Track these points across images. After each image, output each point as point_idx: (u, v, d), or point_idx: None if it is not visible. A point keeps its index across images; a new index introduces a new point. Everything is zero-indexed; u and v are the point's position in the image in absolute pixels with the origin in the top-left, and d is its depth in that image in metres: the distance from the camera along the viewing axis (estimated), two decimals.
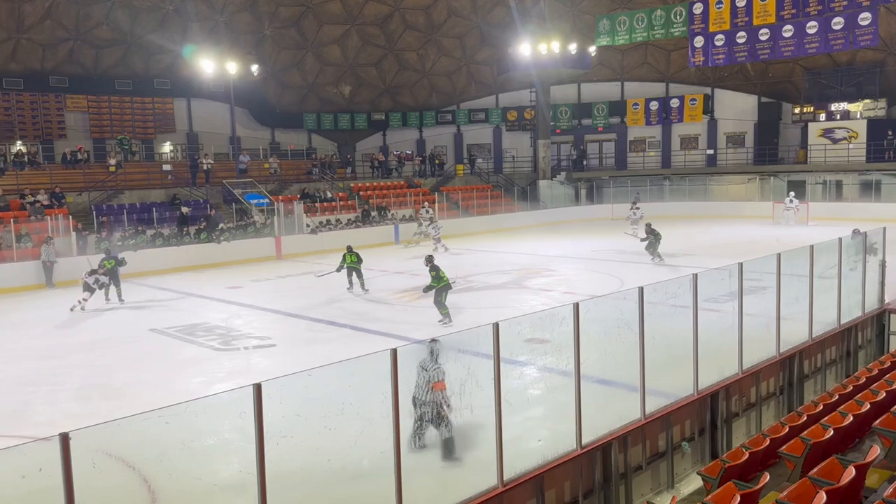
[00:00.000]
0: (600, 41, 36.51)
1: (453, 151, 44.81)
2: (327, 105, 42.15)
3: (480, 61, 42.12)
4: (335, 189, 34.54)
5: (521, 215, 36.45)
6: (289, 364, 11.90)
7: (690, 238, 28.38)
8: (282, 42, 38.29)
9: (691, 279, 8.79)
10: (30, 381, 11.82)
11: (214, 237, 25.89)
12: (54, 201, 25.75)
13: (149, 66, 35.17)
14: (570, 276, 20.78)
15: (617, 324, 8.32)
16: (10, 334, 15.56)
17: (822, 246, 11.86)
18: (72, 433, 4.27)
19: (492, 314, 15.42)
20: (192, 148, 36.49)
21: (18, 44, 31.14)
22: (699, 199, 38.92)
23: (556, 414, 8.36)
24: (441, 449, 7.50)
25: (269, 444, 5.10)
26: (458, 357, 7.29)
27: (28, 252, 22.30)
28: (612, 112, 42.57)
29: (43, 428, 9.13)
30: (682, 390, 8.73)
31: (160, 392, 10.76)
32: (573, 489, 7.22)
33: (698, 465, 8.58)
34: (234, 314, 16.86)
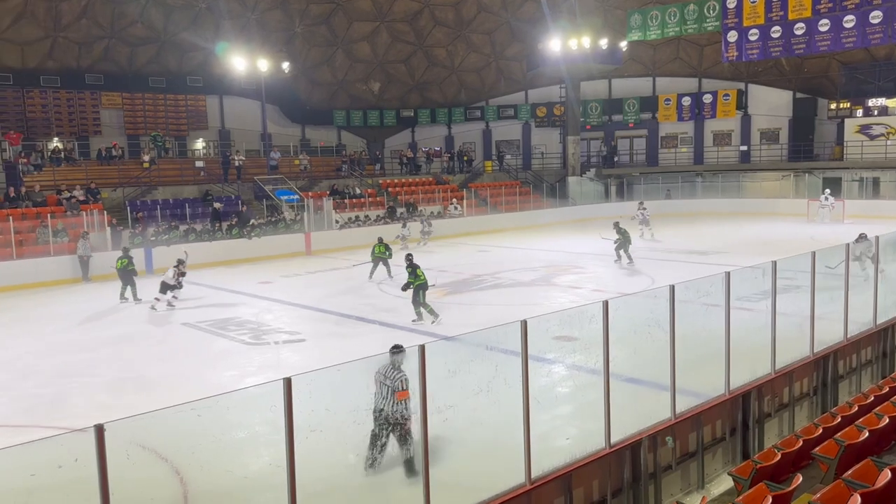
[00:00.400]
0: (631, 36, 36.14)
1: (482, 148, 44.74)
2: (357, 102, 42.35)
3: (510, 57, 41.97)
4: (364, 185, 34.69)
5: (550, 212, 36.27)
6: (318, 359, 12.00)
7: (723, 236, 28.02)
8: (312, 39, 38.53)
9: (724, 277, 8.67)
10: (65, 373, 12.07)
11: (245, 233, 26.18)
12: (90, 197, 26.22)
13: (182, 64, 35.64)
14: (599, 274, 20.63)
15: (647, 322, 8.24)
16: (47, 327, 15.90)
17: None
18: (106, 425, 4.35)
19: (520, 311, 15.37)
20: (224, 145, 36.92)
21: (55, 42, 31.75)
22: (732, 196, 38.37)
23: (585, 412, 8.32)
24: (403, 467, 6.91)
25: (298, 438, 5.14)
26: (486, 354, 7.28)
27: (64, 247, 22.74)
28: (644, 108, 42.13)
29: (78, 420, 9.32)
30: (713, 390, 8.61)
31: (192, 385, 10.91)
32: (601, 488, 7.17)
33: (729, 466, 8.46)
34: (265, 309, 17.04)
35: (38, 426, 9.34)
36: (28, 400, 10.68)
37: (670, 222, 34.22)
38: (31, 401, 10.64)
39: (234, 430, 6.45)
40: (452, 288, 18.97)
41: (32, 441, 5.46)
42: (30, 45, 31.28)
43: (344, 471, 6.91)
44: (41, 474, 5.66)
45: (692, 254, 23.27)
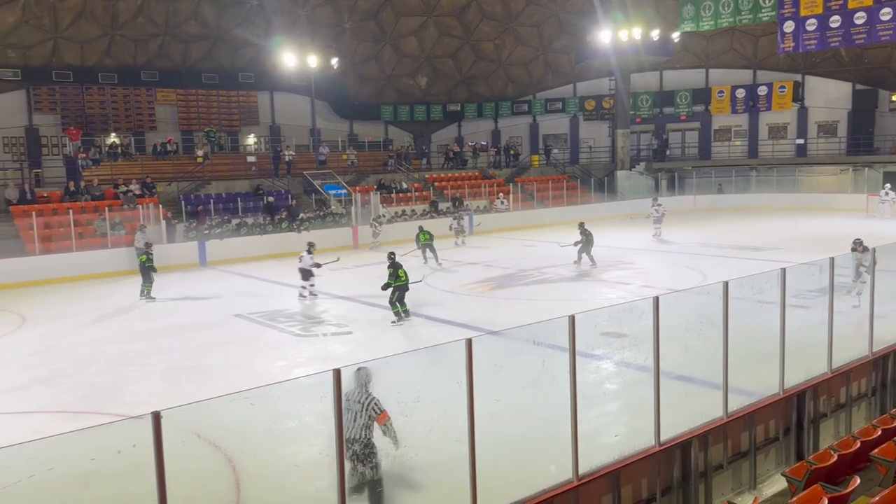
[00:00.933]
0: (684, 27, 35.45)
1: (528, 142, 44.47)
2: (404, 97, 42.54)
3: (558, 50, 41.59)
4: (410, 180, 34.85)
5: (598, 206, 35.83)
6: (365, 351, 12.13)
7: (778, 231, 27.33)
8: (360, 35, 38.82)
9: (779, 274, 8.46)
10: (122, 361, 12.45)
11: (295, 226, 26.58)
12: (145, 191, 26.94)
13: (234, 60, 36.30)
14: (648, 269, 20.33)
15: (699, 319, 8.10)
16: (105, 317, 16.41)
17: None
18: (163, 412, 4.47)
19: (566, 307, 15.27)
20: (274, 140, 37.51)
21: (113, 40, 32.66)
22: (788, 190, 37.33)
23: (633, 410, 8.22)
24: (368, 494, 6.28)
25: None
26: (533, 349, 7.25)
27: (121, 239, 23.43)
28: (696, 100, 41.29)
29: (135, 407, 9.61)
30: (766, 389, 8.42)
31: (244, 375, 11.14)
32: (650, 486, 7.08)
33: (782, 467, 8.27)
34: (313, 301, 17.27)
35: (96, 413, 9.66)
36: (87, 387, 11.04)
37: (723, 217, 33.54)
38: (89, 388, 11.00)
39: (284, 420, 6.57)
40: (498, 283, 18.95)
41: (92, 427, 5.65)
42: (89, 44, 32.24)
43: (392, 461, 6.97)
44: (101, 459, 5.84)
45: (745, 250, 22.76)
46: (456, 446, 6.09)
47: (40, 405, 10.25)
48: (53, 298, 18.75)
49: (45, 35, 30.87)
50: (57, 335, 14.63)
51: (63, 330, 15.14)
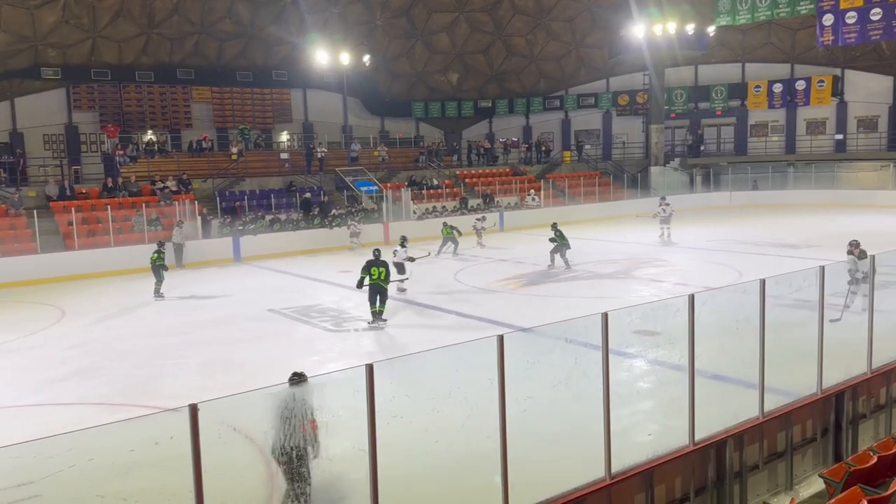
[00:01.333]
0: (720, 21, 34.89)
1: (560, 138, 44.21)
2: (435, 93, 42.57)
3: (591, 45, 41.25)
4: (441, 176, 34.87)
5: (631, 203, 35.47)
6: (397, 347, 12.19)
7: (816, 228, 26.81)
8: (392, 31, 38.94)
9: (818, 272, 8.30)
10: (159, 355, 12.68)
11: (327, 223, 26.78)
12: (181, 187, 27.37)
13: (268, 58, 36.67)
14: (682, 267, 20.09)
15: (735, 317, 7.98)
16: (142, 311, 16.72)
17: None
18: (200, 405, 4.55)
19: (599, 304, 15.17)
20: (307, 137, 37.83)
21: (150, 39, 33.21)
22: (826, 186, 36.56)
23: (667, 408, 8.15)
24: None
25: (379, 423, 5.24)
26: (565, 347, 7.21)
27: (158, 235, 23.80)
28: (732, 95, 40.64)
29: (172, 399, 9.78)
30: (804, 389, 8.28)
31: (277, 369, 11.24)
32: (684, 485, 7.01)
33: (820, 468, 8.13)
34: (345, 297, 17.39)
35: (134, 405, 9.85)
36: (125, 380, 11.27)
37: (759, 214, 33.00)
38: (127, 380, 11.23)
39: (317, 414, 6.62)
40: (529, 279, 18.89)
41: (131, 419, 5.78)
42: (126, 42, 32.83)
43: (424, 456, 7.00)
44: (139, 450, 5.97)
45: (782, 247, 22.38)
46: (487, 442, 6.09)
47: (80, 397, 10.49)
48: (92, 292, 19.15)
49: (84, 34, 31.51)
50: (96, 329, 14.95)
51: (102, 323, 15.47)
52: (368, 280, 14.14)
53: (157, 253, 18.14)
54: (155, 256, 18.07)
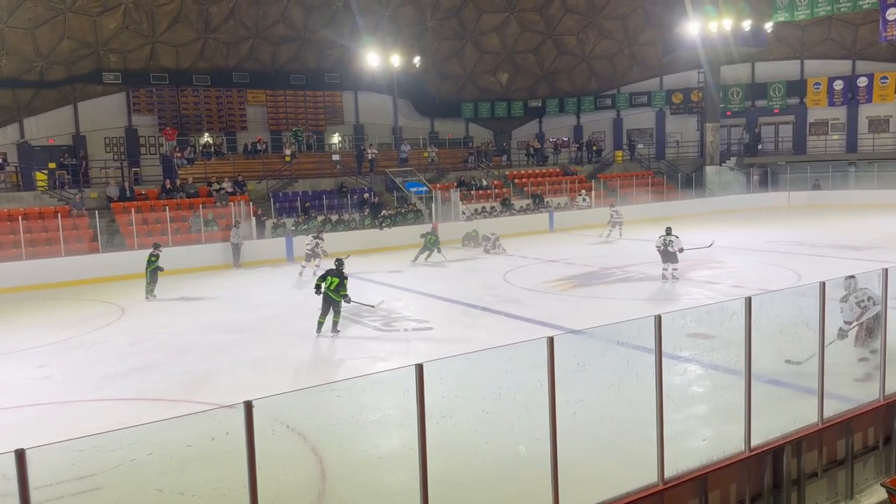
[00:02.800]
0: (778, 17, 34.01)
1: (612, 137, 43.66)
2: (484, 93, 42.53)
3: (644, 42, 40.63)
4: (490, 177, 34.81)
5: (685, 203, 34.84)
6: (446, 347, 12.21)
7: (879, 229, 25.86)
8: (442, 33, 39.05)
9: (881, 274, 8.02)
10: (214, 352, 12.97)
11: (377, 223, 27.03)
12: (237, 189, 27.95)
13: (320, 61, 37.19)
14: (738, 269, 19.62)
15: (793, 321, 7.76)
16: (198, 309, 17.14)
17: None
18: (254, 401, 4.64)
19: (652, 307, 14.93)
20: (358, 138, 38.22)
21: (206, 43, 34.02)
22: (889, 186, 35.20)
23: (722, 413, 7.97)
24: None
25: (429, 423, 5.26)
26: (616, 349, 7.13)
27: (214, 235, 24.41)
28: (790, 92, 39.52)
29: (226, 396, 10.00)
30: (866, 395, 8.01)
31: (328, 368, 11.43)
32: (740, 492, 6.85)
33: (882, 477, 7.85)
34: (395, 297, 17.51)
35: (191, 401, 10.10)
36: (182, 376, 11.56)
37: (819, 214, 32.04)
38: (184, 377, 11.51)
39: (368, 412, 6.70)
40: (579, 281, 18.71)
41: (188, 415, 5.92)
42: (183, 47, 33.70)
43: (473, 457, 7.00)
44: (196, 445, 6.12)
45: (843, 248, 21.68)
46: (537, 444, 6.06)
47: (139, 392, 10.80)
48: None
49: (143, 40, 32.47)
50: (154, 326, 15.37)
51: (159, 321, 15.89)
52: (324, 288, 13.73)
53: (155, 256, 18.34)
54: (153, 259, 18.29)
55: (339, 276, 13.78)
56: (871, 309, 8.80)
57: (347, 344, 13.33)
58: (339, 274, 13.83)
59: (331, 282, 13.69)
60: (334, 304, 13.74)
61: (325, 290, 13.71)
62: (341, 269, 13.94)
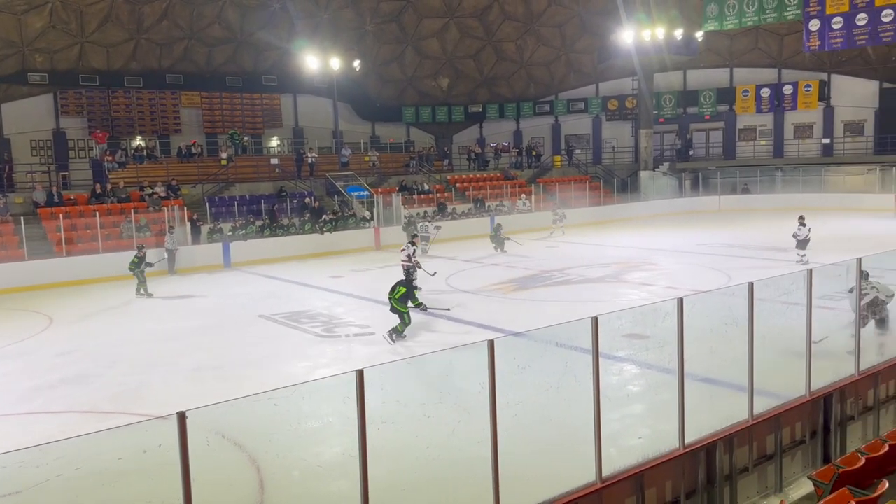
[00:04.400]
0: (708, 26, 35.12)
1: (551, 142, 44.35)
2: (426, 98, 42.63)
3: (580, 50, 41.42)
4: (432, 181, 34.89)
5: (621, 207, 35.65)
6: (387, 352, 12.16)
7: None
8: (382, 37, 38.96)
9: (805, 275, 8.35)
10: (148, 362, 12.60)
11: (318, 228, 26.74)
12: (171, 193, 27.25)
13: (257, 64, 36.62)
14: (672, 271, 20.17)
15: (724, 321, 8.02)
16: (131, 318, 16.62)
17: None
18: (188, 412, 4.52)
19: (589, 308, 15.18)
20: (297, 142, 37.76)
21: (138, 44, 33.10)
22: (814, 190, 36.81)
23: (657, 412, 8.16)
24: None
25: (370, 429, 5.23)
26: (555, 351, 7.22)
27: (147, 241, 23.68)
28: (720, 99, 40.90)
29: (160, 407, 9.72)
30: (792, 391, 8.32)
31: (267, 376, 11.23)
32: (675, 489, 7.02)
33: (809, 470, 8.16)
34: (336, 302, 17.36)
35: (123, 413, 9.79)
36: (114, 387, 11.19)
37: (748, 218, 33.17)
38: (116, 388, 11.15)
39: (308, 420, 6.61)
40: (520, 284, 18.91)
41: (119, 427, 5.73)
42: (115, 48, 32.70)
43: (415, 462, 6.99)
44: (127, 459, 5.93)
45: (771, 250, 22.52)
46: (478, 447, 6.08)
47: (68, 405, 10.41)
48: (80, 299, 19.03)
49: (71, 40, 31.37)
50: (84, 336, 14.84)
51: (90, 331, 15.36)
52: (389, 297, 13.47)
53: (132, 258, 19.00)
54: (136, 260, 18.85)
55: (406, 286, 13.46)
56: (870, 293, 10.52)
57: (287, 351, 13.14)
58: (406, 283, 13.56)
59: (397, 291, 13.27)
60: (398, 314, 13.25)
61: (389, 298, 13.29)
62: (409, 279, 13.70)
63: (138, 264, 19.03)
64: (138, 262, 19.03)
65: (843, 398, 8.75)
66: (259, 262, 24.05)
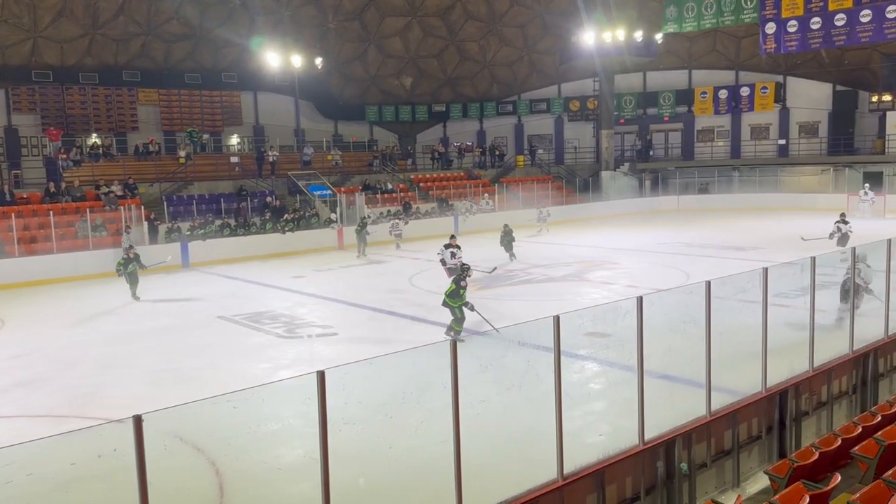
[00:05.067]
0: (667, 28, 35.66)
1: (514, 142, 44.58)
2: (389, 97, 42.49)
3: (542, 51, 41.70)
4: (396, 181, 34.80)
5: (583, 207, 36.00)
6: (350, 353, 12.08)
7: (760, 231, 27.55)
8: (345, 35, 38.72)
9: (761, 273, 8.52)
10: (105, 364, 12.32)
11: (279, 227, 26.46)
12: (127, 192, 26.71)
13: (217, 60, 36.08)
14: (632, 270, 20.42)
15: (682, 318, 8.13)
16: (87, 320, 16.24)
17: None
18: (145, 415, 4.43)
19: (552, 307, 15.30)
20: (258, 140, 37.31)
21: (94, 39, 32.36)
22: (770, 190, 37.65)
23: (618, 409, 8.25)
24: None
25: (331, 430, 5.18)
26: (518, 350, 7.26)
27: (103, 241, 23.20)
28: (679, 101, 41.56)
29: (117, 410, 9.50)
30: (749, 387, 8.49)
31: (227, 378, 11.07)
32: (635, 485, 7.11)
33: (765, 464, 8.34)
34: (298, 303, 17.21)
35: (78, 416, 9.55)
36: (69, 391, 10.92)
37: (706, 217, 33.77)
38: (71, 391, 10.88)
39: (268, 422, 6.53)
40: (483, 283, 18.95)
41: (73, 431, 5.59)
42: (69, 43, 31.92)
43: (377, 463, 6.95)
44: (81, 463, 5.79)
45: (728, 249, 22.95)
46: (441, 447, 6.08)
47: (21, 409, 10.13)
48: (34, 301, 18.54)
49: (24, 34, 30.53)
50: (38, 338, 14.46)
51: (44, 332, 14.97)
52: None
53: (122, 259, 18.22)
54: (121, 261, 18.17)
55: (455, 283, 13.26)
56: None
57: (248, 352, 12.98)
58: (456, 280, 13.28)
59: (448, 288, 13.18)
60: (450, 309, 13.16)
61: (444, 295, 13.16)
62: (461, 276, 13.27)
63: (125, 265, 17.98)
64: (125, 263, 18.00)
65: (797, 394, 8.95)
66: (218, 262, 23.71)
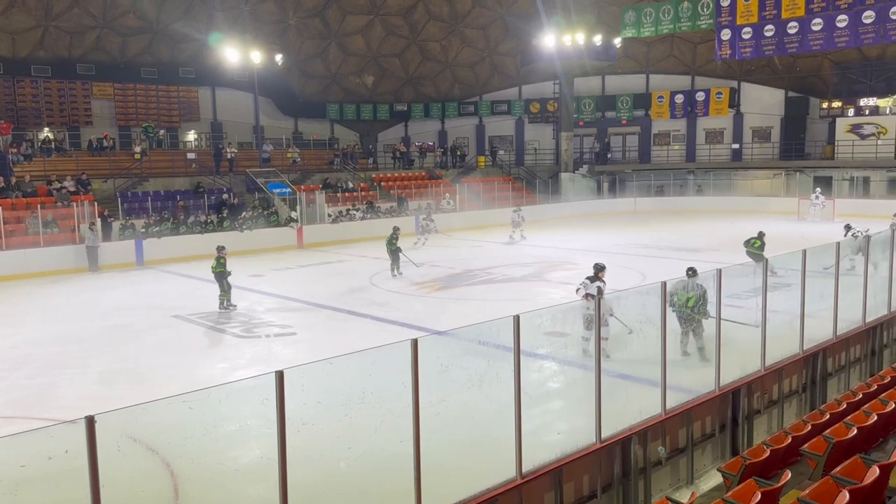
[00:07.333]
0: (625, 33, 36.17)
1: (475, 143, 44.71)
2: (350, 95, 42.25)
3: (504, 52, 41.93)
4: (357, 179, 34.63)
5: (543, 208, 36.29)
6: (309, 353, 11.98)
7: (714, 233, 28.12)
8: (305, 31, 38.38)
9: (714, 275, 8.71)
10: (56, 364, 12.01)
11: (237, 225, 26.10)
12: (80, 188, 26.05)
13: (174, 55, 35.43)
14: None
15: (638, 318, 8.27)
16: (37, 318, 15.80)
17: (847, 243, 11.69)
18: (97, 416, 4.33)
19: (511, 307, 15.40)
20: (216, 137, 36.75)
21: (47, 31, 31.50)
22: (724, 193, 38.51)
23: (576, 407, 8.34)
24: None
25: (290, 431, 5.14)
26: (478, 349, 7.28)
27: (55, 237, 22.60)
28: (637, 105, 42.20)
29: (69, 411, 9.27)
30: (703, 386, 8.67)
31: (183, 378, 10.89)
32: (592, 483, 7.21)
33: (718, 462, 8.52)
34: (256, 302, 17.00)
35: (27, 417, 9.30)
36: (18, 391, 10.62)
37: (662, 219, 34.33)
38: (21, 392, 10.58)
39: (225, 423, 6.44)
40: (444, 283, 18.99)
41: (22, 432, 5.44)
42: (21, 34, 31.03)
43: (335, 464, 6.91)
44: (31, 466, 5.63)
45: (684, 251, 23.36)
46: (400, 447, 6.07)
47: None
48: None
49: None
50: None
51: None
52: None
53: (216, 259, 16.02)
54: (214, 264, 16.00)
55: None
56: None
57: (204, 352, 12.78)
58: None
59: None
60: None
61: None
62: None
63: (219, 265, 15.92)
64: (223, 266, 15.89)
65: (750, 393, 9.17)
66: (174, 260, 23.28)
